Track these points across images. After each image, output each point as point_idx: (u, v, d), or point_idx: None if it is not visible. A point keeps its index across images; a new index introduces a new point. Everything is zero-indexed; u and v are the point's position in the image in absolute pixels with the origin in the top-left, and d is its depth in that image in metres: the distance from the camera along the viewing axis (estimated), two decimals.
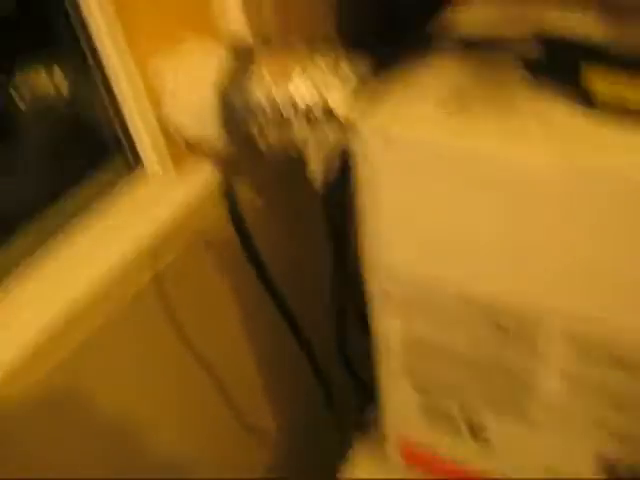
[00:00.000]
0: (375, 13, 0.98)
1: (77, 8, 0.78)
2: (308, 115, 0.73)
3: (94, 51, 0.81)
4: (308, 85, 0.73)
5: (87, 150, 0.91)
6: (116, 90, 0.83)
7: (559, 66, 0.54)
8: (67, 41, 0.85)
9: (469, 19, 0.66)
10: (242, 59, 0.78)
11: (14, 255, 0.79)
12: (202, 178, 0.90)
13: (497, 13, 0.65)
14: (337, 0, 1.02)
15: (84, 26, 0.79)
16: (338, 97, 0.71)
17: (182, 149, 0.89)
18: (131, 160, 0.88)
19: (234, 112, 0.79)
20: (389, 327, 0.64)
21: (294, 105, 0.73)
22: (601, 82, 0.52)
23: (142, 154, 0.86)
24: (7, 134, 0.91)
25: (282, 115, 0.75)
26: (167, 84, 0.85)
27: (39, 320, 0.72)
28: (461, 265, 0.56)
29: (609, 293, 0.51)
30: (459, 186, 0.52)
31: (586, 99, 0.51)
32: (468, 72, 0.56)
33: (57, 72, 0.90)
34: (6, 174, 0.89)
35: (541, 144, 0.48)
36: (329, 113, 0.71)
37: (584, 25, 0.62)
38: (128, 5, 0.80)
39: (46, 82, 0.91)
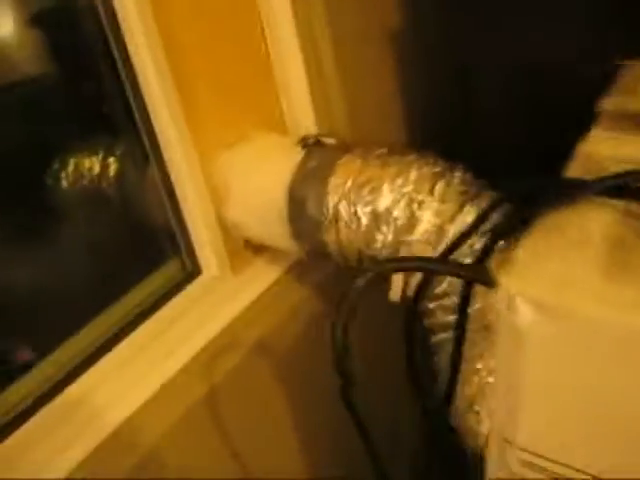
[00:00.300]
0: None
1: (140, 98, 0.74)
2: (395, 230, 0.67)
3: (154, 142, 0.76)
4: (397, 199, 0.67)
5: (140, 248, 0.85)
6: (176, 184, 0.78)
7: None
8: (127, 130, 0.81)
9: (616, 150, 0.53)
10: (319, 162, 0.73)
11: (65, 361, 0.73)
12: (260, 282, 0.83)
13: None
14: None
15: (146, 115, 0.75)
16: (432, 216, 0.66)
17: (239, 250, 0.84)
18: (186, 260, 0.82)
19: (307, 217, 0.73)
20: None
21: (380, 219, 0.68)
22: None
23: (199, 254, 0.81)
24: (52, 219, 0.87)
25: (362, 226, 0.69)
26: (231, 181, 0.80)
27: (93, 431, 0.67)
28: (607, 450, 0.48)
29: None
30: (617, 365, 0.44)
31: None
32: (625, 221, 0.45)
33: (113, 161, 0.86)
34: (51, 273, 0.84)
35: None
36: (421, 232, 0.65)
37: None
38: (193, 96, 0.76)
39: (99, 169, 0.86)
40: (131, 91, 0.74)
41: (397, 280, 0.68)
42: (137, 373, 0.73)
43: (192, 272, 0.81)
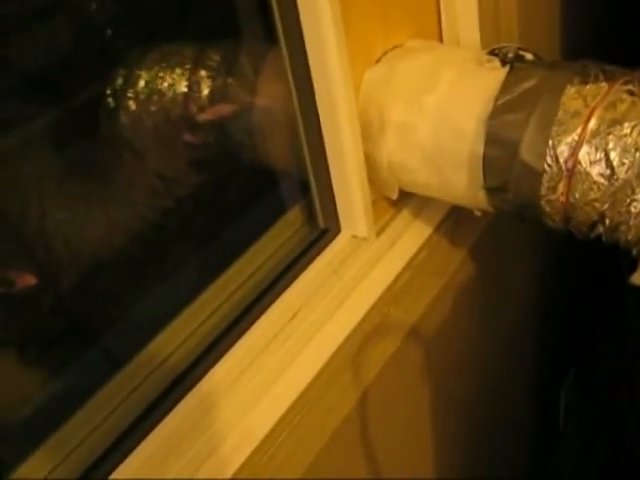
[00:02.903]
0: None
1: None
2: None
3: (297, 48, 0.53)
4: None
5: (249, 198, 0.62)
6: (323, 109, 0.55)
7: None
8: (237, 29, 0.59)
9: None
10: (538, 83, 0.53)
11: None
12: (408, 244, 0.63)
13: None
14: None
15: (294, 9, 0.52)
16: None
17: (377, 200, 0.63)
18: (321, 215, 0.60)
19: (517, 163, 0.53)
20: None
21: None
22: None
23: (342, 206, 0.59)
24: None
25: (614, 181, 0.50)
26: (390, 108, 0.58)
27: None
28: None
29: None
30: None
31: None
32: None
33: (206, 75, 0.61)
34: None
35: None
36: None
37: None
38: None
39: (185, 87, 0.62)
40: None
41: None
42: (265, 376, 0.53)
43: (327, 231, 0.60)
